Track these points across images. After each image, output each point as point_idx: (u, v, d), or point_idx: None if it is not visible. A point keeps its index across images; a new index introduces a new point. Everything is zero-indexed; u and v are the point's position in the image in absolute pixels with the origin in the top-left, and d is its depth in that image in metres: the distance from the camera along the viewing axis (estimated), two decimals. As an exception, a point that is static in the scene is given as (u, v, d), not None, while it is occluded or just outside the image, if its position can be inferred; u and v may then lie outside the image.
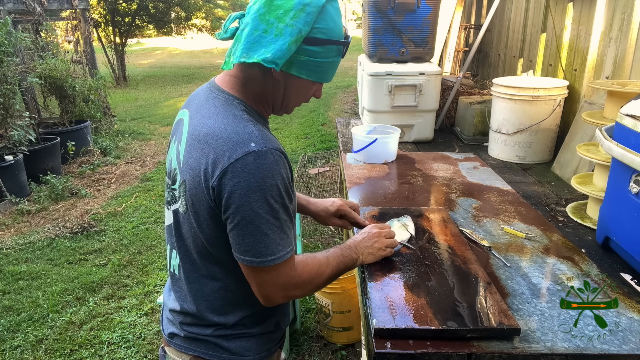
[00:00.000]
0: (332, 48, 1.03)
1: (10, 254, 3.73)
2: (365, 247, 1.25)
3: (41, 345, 2.69)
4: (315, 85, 1.11)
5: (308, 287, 1.09)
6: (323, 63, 1.03)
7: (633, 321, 1.09)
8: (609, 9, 2.29)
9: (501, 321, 1.02)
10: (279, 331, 1.25)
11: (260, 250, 0.98)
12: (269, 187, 0.95)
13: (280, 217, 0.99)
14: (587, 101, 2.33)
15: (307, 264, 1.08)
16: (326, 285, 1.17)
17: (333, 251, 1.18)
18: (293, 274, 1.04)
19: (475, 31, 4.47)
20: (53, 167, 5.16)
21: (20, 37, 5.13)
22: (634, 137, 1.29)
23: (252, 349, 1.16)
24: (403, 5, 2.72)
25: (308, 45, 0.99)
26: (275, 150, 0.98)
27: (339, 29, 1.03)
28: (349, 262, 1.19)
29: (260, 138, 0.97)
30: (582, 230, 1.70)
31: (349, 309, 2.51)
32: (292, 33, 0.96)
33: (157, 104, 9.65)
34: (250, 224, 0.96)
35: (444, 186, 1.99)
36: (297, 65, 1.02)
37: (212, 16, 15.38)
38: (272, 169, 0.96)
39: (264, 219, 0.96)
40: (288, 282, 1.03)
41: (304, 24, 0.96)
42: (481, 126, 2.92)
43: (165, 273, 3.41)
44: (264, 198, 0.95)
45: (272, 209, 0.97)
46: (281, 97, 1.09)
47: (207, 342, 1.14)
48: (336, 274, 1.15)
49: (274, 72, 1.02)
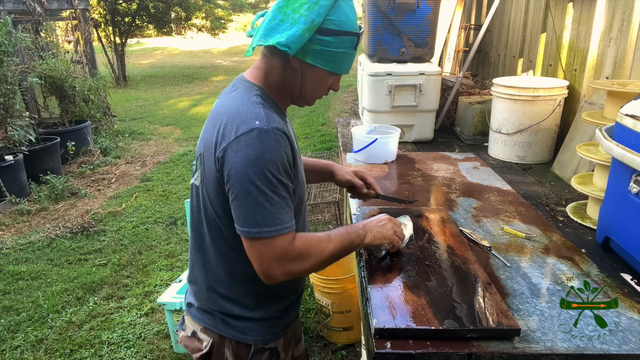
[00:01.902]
0: (345, 39, 1.09)
1: (10, 254, 3.73)
2: (375, 226, 1.25)
3: (41, 345, 2.69)
4: (331, 77, 1.17)
5: (307, 263, 1.09)
6: (336, 53, 1.10)
7: (633, 321, 1.09)
8: (609, 9, 2.29)
9: (501, 321, 1.02)
10: (286, 317, 1.28)
11: (258, 221, 1.02)
12: (268, 162, 1.02)
13: (278, 192, 1.04)
14: (587, 101, 2.33)
15: (306, 239, 1.10)
16: (329, 264, 1.16)
17: (337, 229, 1.19)
18: (290, 248, 1.05)
19: (475, 31, 4.47)
20: (53, 167, 5.16)
21: (20, 37, 5.13)
22: (634, 137, 1.29)
23: (255, 330, 1.21)
24: (403, 5, 2.72)
25: (321, 35, 1.07)
26: (277, 130, 1.04)
27: (352, 22, 1.09)
28: (354, 239, 1.19)
29: (265, 118, 1.05)
30: (582, 230, 1.70)
31: (349, 309, 2.51)
32: (305, 22, 1.04)
33: (157, 104, 9.64)
34: (248, 195, 1.02)
35: (444, 186, 1.99)
36: (312, 54, 1.09)
37: (212, 16, 15.39)
38: (272, 146, 1.02)
39: (261, 191, 1.02)
40: (285, 256, 1.05)
41: (317, 14, 1.04)
42: (481, 126, 2.92)
43: (165, 273, 3.41)
44: (262, 171, 1.01)
45: (270, 183, 1.02)
46: (299, 86, 1.16)
47: (215, 317, 1.22)
48: (340, 251, 1.15)
49: (292, 61, 1.10)
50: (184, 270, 2.98)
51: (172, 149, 6.64)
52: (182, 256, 3.64)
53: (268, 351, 1.25)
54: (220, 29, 15.84)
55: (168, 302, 2.47)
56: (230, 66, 15.29)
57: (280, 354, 1.29)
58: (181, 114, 8.77)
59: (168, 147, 6.72)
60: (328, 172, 1.55)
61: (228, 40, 19.65)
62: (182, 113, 8.82)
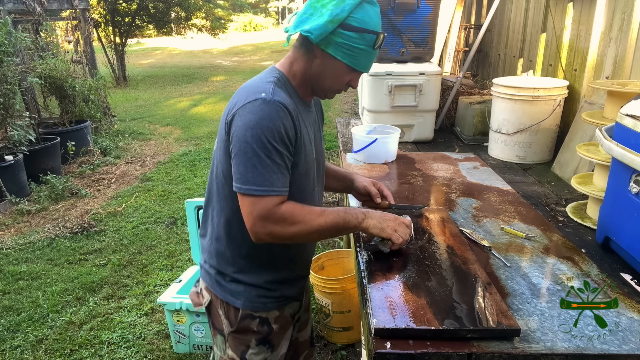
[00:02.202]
0: (366, 36, 1.18)
1: (10, 254, 3.73)
2: (378, 217, 1.29)
3: (41, 345, 2.69)
4: (350, 74, 1.25)
5: (292, 229, 1.17)
6: (356, 48, 1.19)
7: (633, 321, 1.09)
8: (609, 9, 2.29)
9: (501, 321, 1.02)
10: (279, 293, 1.35)
11: (248, 179, 1.14)
12: (265, 128, 1.12)
13: (271, 157, 1.14)
14: (587, 101, 2.33)
15: (295, 206, 1.18)
16: (319, 236, 1.24)
17: (334, 208, 1.26)
18: (275, 210, 1.14)
19: (475, 31, 4.47)
20: (53, 167, 5.15)
21: (20, 37, 5.13)
22: (634, 137, 1.29)
23: (244, 295, 1.32)
24: (403, 5, 2.72)
25: (344, 30, 1.16)
26: (280, 103, 1.15)
27: (374, 23, 1.20)
28: (350, 219, 1.25)
29: (272, 92, 1.16)
30: (582, 230, 1.70)
31: (349, 309, 2.51)
32: (330, 15, 1.15)
33: (157, 104, 9.64)
34: (244, 155, 1.14)
35: (444, 186, 1.99)
36: (333, 46, 1.19)
37: (212, 16, 15.39)
38: (272, 115, 1.13)
39: (255, 152, 1.13)
40: (270, 217, 1.14)
41: (341, 10, 1.15)
42: (481, 126, 2.92)
43: (165, 273, 3.41)
44: (258, 136, 1.12)
45: (265, 147, 1.13)
46: (318, 77, 1.25)
47: (212, 278, 1.35)
48: (331, 226, 1.21)
49: (315, 50, 1.21)
50: (184, 270, 2.98)
51: (172, 149, 6.64)
52: (182, 256, 3.64)
53: (257, 319, 1.34)
54: (220, 29, 15.85)
55: (168, 302, 2.47)
56: (230, 66, 15.29)
57: (272, 326, 1.36)
58: (181, 114, 8.77)
59: (168, 147, 6.72)
60: (349, 180, 1.62)
61: (228, 40, 19.66)
62: (182, 113, 8.82)
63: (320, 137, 1.41)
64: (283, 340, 1.40)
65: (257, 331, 1.35)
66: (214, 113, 8.64)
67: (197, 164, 5.85)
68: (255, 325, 1.34)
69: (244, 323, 1.34)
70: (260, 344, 1.36)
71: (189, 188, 5.06)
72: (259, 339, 1.36)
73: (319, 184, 1.41)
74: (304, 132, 1.24)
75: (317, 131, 1.38)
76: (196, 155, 6.19)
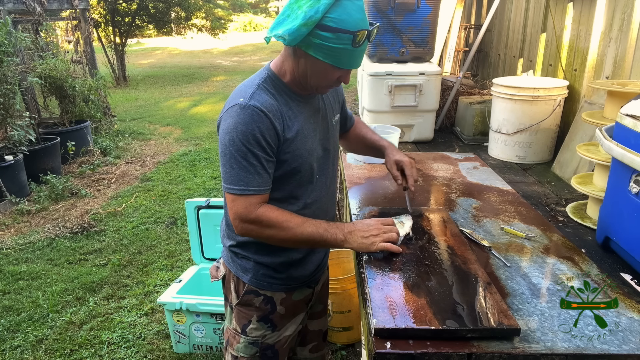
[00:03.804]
0: (342, 36, 1.15)
1: (10, 254, 3.73)
2: (358, 238, 1.29)
3: (41, 345, 2.69)
4: (338, 71, 1.24)
5: (266, 232, 1.25)
6: (335, 48, 1.17)
7: (633, 321, 1.09)
8: (609, 9, 2.29)
9: (501, 321, 1.02)
10: (288, 275, 1.41)
11: (227, 178, 1.24)
12: (240, 132, 1.20)
13: (247, 159, 1.21)
14: (587, 101, 2.33)
15: (273, 211, 1.24)
16: (294, 245, 1.33)
17: (320, 222, 1.29)
18: (251, 210, 1.23)
19: (475, 31, 4.47)
20: (53, 167, 5.16)
21: (20, 37, 5.13)
22: (634, 137, 1.29)
23: (250, 271, 1.40)
24: (403, 5, 2.72)
25: (320, 31, 1.15)
26: (255, 108, 1.21)
27: (353, 21, 1.15)
28: (328, 238, 1.27)
29: (249, 97, 1.23)
30: (582, 230, 1.70)
31: (349, 309, 2.51)
32: (303, 17, 1.13)
33: (157, 104, 9.64)
34: (224, 156, 1.24)
35: (444, 186, 1.99)
36: (313, 47, 1.18)
37: (212, 16, 15.37)
38: (246, 120, 1.20)
39: (232, 155, 1.22)
40: (245, 216, 1.23)
41: (315, 11, 1.12)
42: (481, 126, 2.92)
43: (165, 273, 3.41)
44: (234, 139, 1.21)
45: (240, 150, 1.21)
46: (306, 75, 1.26)
47: (228, 253, 1.46)
48: (307, 240, 1.26)
49: (297, 51, 1.22)
50: (184, 270, 2.98)
51: (172, 149, 6.64)
52: (182, 256, 3.64)
53: (262, 297, 1.42)
54: (220, 29, 15.83)
55: (168, 302, 2.47)
56: (230, 66, 15.29)
57: (277, 306, 1.43)
58: (181, 114, 8.77)
59: (168, 147, 6.72)
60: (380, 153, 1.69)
61: (228, 40, 19.64)
62: (182, 113, 8.82)
63: (330, 123, 1.43)
64: (290, 324, 1.48)
65: (259, 307, 1.43)
66: (214, 113, 8.63)
67: (197, 164, 5.85)
68: (258, 302, 1.42)
69: (248, 297, 1.42)
70: (261, 320, 1.44)
71: (189, 188, 5.07)
72: (260, 316, 1.43)
73: (326, 170, 1.43)
74: (295, 127, 1.28)
75: (323, 118, 1.40)
76: (196, 155, 6.19)
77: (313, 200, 1.38)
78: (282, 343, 1.48)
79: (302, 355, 1.68)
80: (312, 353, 1.69)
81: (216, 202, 2.68)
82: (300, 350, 1.67)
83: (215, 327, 2.50)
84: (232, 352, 1.48)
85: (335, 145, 1.48)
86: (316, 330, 1.67)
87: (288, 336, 1.48)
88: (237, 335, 1.46)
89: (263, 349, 1.45)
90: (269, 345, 1.45)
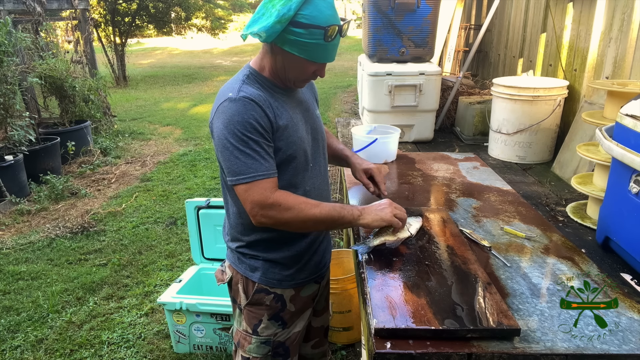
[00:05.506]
0: (314, 32, 1.22)
1: (10, 254, 3.73)
2: (374, 210, 1.35)
3: (41, 345, 2.69)
4: (314, 65, 1.30)
5: (286, 214, 1.25)
6: (308, 43, 1.23)
7: (633, 321, 1.09)
8: (609, 9, 2.29)
9: (501, 321, 1.02)
10: (296, 271, 1.43)
11: (235, 170, 1.24)
12: (237, 123, 1.23)
13: (250, 146, 1.23)
14: (587, 101, 2.33)
15: (289, 195, 1.27)
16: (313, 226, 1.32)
17: (331, 203, 1.33)
18: (268, 195, 1.23)
19: (475, 31, 4.47)
20: (53, 167, 5.15)
21: (20, 37, 5.13)
22: (634, 137, 1.29)
23: (259, 270, 1.41)
24: (403, 5, 2.72)
25: (294, 27, 1.21)
26: (246, 98, 1.25)
27: (324, 17, 1.22)
28: (346, 214, 1.31)
29: (237, 90, 1.27)
30: (582, 230, 1.70)
31: (349, 309, 2.51)
32: (277, 15, 1.19)
33: (157, 104, 9.64)
34: (226, 150, 1.24)
35: (444, 186, 1.99)
36: (288, 43, 1.24)
37: (212, 16, 15.38)
38: (240, 110, 1.23)
39: (234, 146, 1.23)
40: (264, 201, 1.23)
41: (288, 9, 1.18)
42: (481, 126, 2.92)
43: (165, 273, 3.41)
44: (233, 131, 1.23)
45: (241, 140, 1.23)
46: (284, 70, 1.31)
47: (234, 255, 1.45)
48: (326, 218, 1.28)
49: (273, 47, 1.27)
50: (184, 270, 2.98)
51: (172, 149, 6.64)
52: (182, 256, 3.64)
53: (272, 295, 1.42)
54: (220, 29, 15.83)
55: (168, 302, 2.47)
56: (230, 66, 15.29)
57: (287, 304, 1.44)
58: (181, 114, 8.77)
59: (168, 147, 6.72)
60: (346, 162, 1.71)
61: (228, 40, 19.63)
62: (182, 113, 8.82)
63: (314, 115, 1.48)
64: (299, 320, 1.50)
65: (270, 306, 1.43)
66: (214, 113, 8.62)
67: (197, 164, 5.85)
68: (269, 300, 1.43)
69: (258, 296, 1.42)
70: (272, 319, 1.44)
71: (189, 188, 5.06)
72: (271, 314, 1.44)
73: (319, 159, 1.46)
74: (285, 116, 1.32)
75: (306, 110, 1.45)
76: (196, 155, 6.19)
77: (311, 188, 1.41)
78: (293, 340, 1.49)
79: (305, 351, 1.69)
80: (314, 349, 1.71)
81: (216, 202, 2.68)
82: (303, 346, 1.68)
83: (216, 327, 2.50)
84: (244, 354, 1.48)
85: (323, 136, 1.52)
86: (319, 326, 1.69)
87: (297, 332, 1.50)
88: (248, 336, 1.46)
89: (275, 347, 1.46)
90: (281, 342, 1.47)
